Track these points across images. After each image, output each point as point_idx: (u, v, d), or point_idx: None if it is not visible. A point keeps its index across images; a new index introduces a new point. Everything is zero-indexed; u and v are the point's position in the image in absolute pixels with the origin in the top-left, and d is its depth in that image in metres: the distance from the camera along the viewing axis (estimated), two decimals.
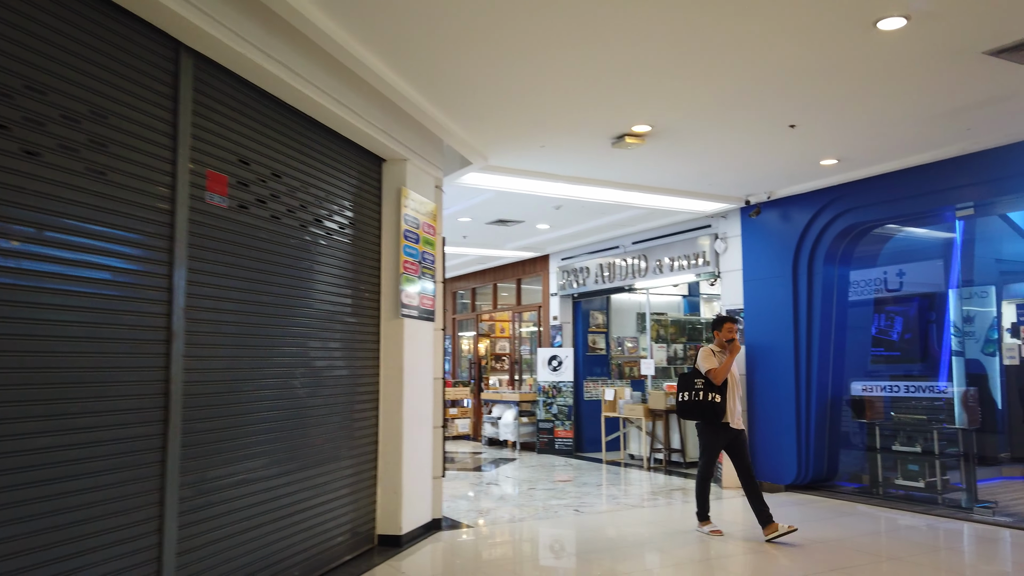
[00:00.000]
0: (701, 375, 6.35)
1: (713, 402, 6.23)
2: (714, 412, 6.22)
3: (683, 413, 6.46)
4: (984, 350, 9.87)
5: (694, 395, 6.32)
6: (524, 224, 10.14)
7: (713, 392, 6.24)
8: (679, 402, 6.46)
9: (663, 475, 9.71)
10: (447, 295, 16.02)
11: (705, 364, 6.36)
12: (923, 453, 7.54)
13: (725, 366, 6.28)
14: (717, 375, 6.26)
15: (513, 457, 11.64)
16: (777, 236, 8.61)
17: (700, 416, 6.31)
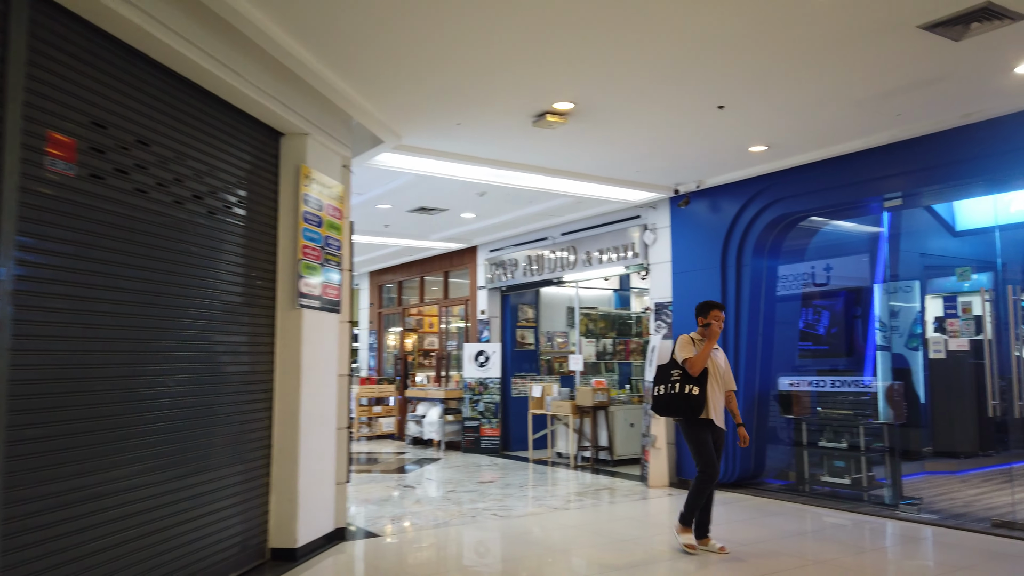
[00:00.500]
0: (678, 366, 5.65)
1: (690, 395, 5.52)
2: (690, 407, 5.52)
3: (659, 409, 5.77)
4: (908, 345, 9.87)
5: (670, 388, 5.63)
6: (448, 213, 9.66)
7: (691, 384, 5.55)
8: (655, 397, 5.79)
9: (590, 474, 9.39)
10: (373, 289, 15.40)
11: (682, 353, 5.64)
12: (849, 449, 7.40)
13: (703, 354, 5.57)
14: (694, 365, 5.55)
15: (437, 457, 11.16)
16: (706, 227, 8.36)
17: (677, 411, 5.61)
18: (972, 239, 9.67)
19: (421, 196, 8.74)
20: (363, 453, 11.89)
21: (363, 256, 13.27)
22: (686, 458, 8.39)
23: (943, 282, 10.85)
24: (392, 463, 10.70)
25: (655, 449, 8.39)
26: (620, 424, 10.04)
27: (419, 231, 10.92)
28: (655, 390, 5.79)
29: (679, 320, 8.62)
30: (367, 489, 8.47)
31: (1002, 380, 10.09)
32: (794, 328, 9.44)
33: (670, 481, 8.41)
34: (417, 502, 7.67)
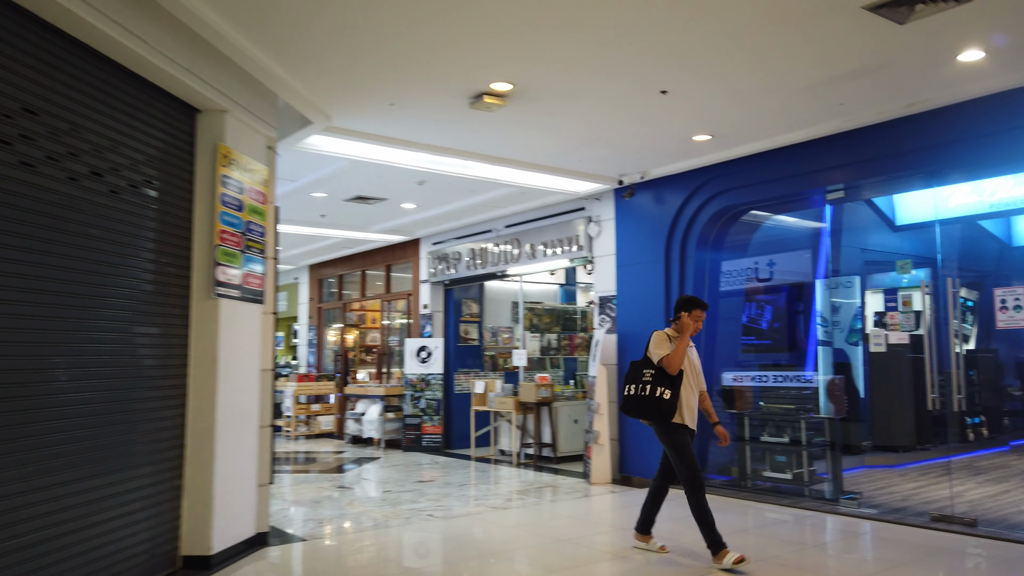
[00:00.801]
0: (652, 364, 5.14)
1: (660, 399, 4.99)
2: (660, 411, 5.01)
3: (628, 410, 5.27)
4: (848, 339, 9.93)
5: (640, 389, 5.10)
6: (388, 203, 9.31)
7: (662, 386, 5.03)
8: (624, 397, 5.29)
9: (533, 471, 9.17)
10: (313, 283, 14.92)
11: (657, 350, 5.13)
12: (791, 444, 7.33)
13: (680, 352, 5.05)
14: (671, 363, 5.03)
15: (377, 456, 10.81)
16: (650, 219, 8.21)
17: (645, 414, 5.11)
18: (912, 234, 9.77)
19: (358, 184, 8.38)
20: (300, 452, 11.46)
21: (301, 248, 12.81)
22: (629, 454, 8.24)
23: (883, 277, 10.97)
24: (329, 462, 10.31)
25: (598, 445, 8.22)
26: (564, 420, 9.85)
27: (358, 222, 10.54)
28: (625, 389, 5.31)
29: (623, 314, 8.46)
30: (300, 490, 8.09)
31: (940, 375, 10.22)
32: (737, 323, 9.38)
33: (612, 478, 8.25)
34: (351, 503, 7.33)
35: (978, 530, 5.69)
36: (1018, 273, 11.49)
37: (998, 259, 11.81)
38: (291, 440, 12.98)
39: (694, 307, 5.25)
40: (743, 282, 9.45)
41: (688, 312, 5.22)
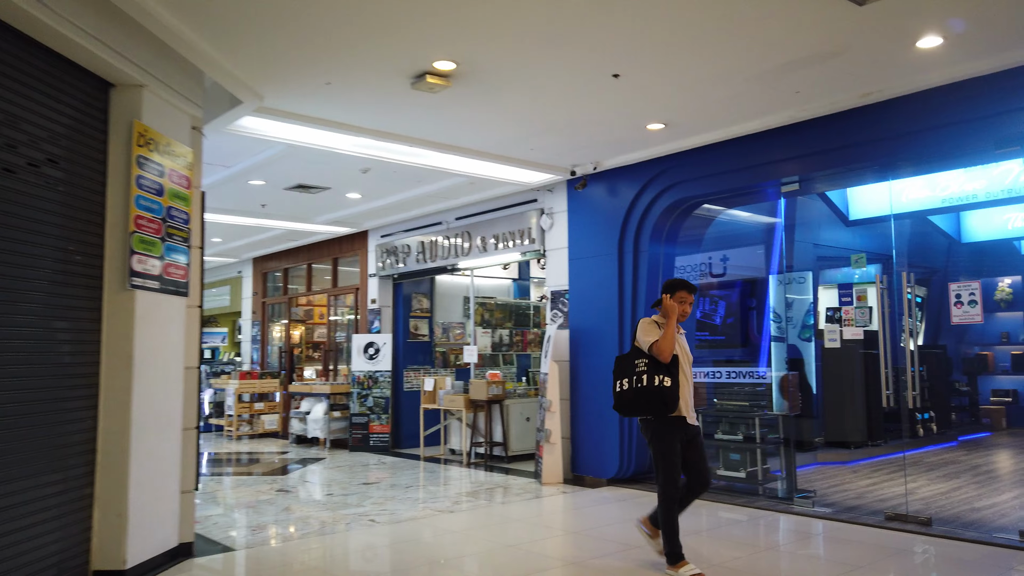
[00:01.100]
0: (643, 354, 4.70)
1: (662, 388, 4.55)
2: (663, 401, 4.54)
3: (624, 407, 4.79)
4: (801, 335, 9.87)
5: (636, 381, 4.65)
6: (331, 192, 8.91)
7: (660, 374, 4.58)
8: (617, 395, 4.81)
9: (484, 471, 8.88)
10: (257, 277, 14.38)
11: (646, 337, 4.68)
12: (744, 441, 7.18)
13: (669, 336, 4.60)
14: (662, 350, 4.57)
15: (322, 456, 10.40)
16: (603, 212, 7.98)
17: (646, 408, 4.63)
18: (864, 229, 9.75)
19: (298, 171, 7.97)
20: (242, 453, 10.98)
21: (243, 240, 12.29)
22: (581, 453, 8.01)
23: (835, 273, 10.96)
24: (271, 464, 9.87)
25: (549, 444, 7.97)
26: (515, 418, 9.58)
27: (301, 212, 10.10)
28: (616, 385, 4.81)
29: (576, 309, 8.22)
30: (238, 493, 7.66)
31: (892, 370, 10.23)
32: (691, 319, 9.24)
33: (564, 477, 8.01)
34: (290, 507, 6.94)
35: (933, 529, 5.59)
36: (966, 269, 11.62)
37: (946, 255, 11.93)
38: (233, 440, 12.47)
39: (677, 289, 4.81)
40: (697, 277, 9.30)
41: (671, 294, 4.79)
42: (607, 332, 7.82)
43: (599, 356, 7.89)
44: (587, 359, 8.02)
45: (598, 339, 7.93)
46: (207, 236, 11.72)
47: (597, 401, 7.87)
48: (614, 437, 7.67)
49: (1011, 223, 9.37)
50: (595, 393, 7.90)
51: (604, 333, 7.86)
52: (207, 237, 11.83)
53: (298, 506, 7.04)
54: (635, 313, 7.69)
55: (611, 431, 7.70)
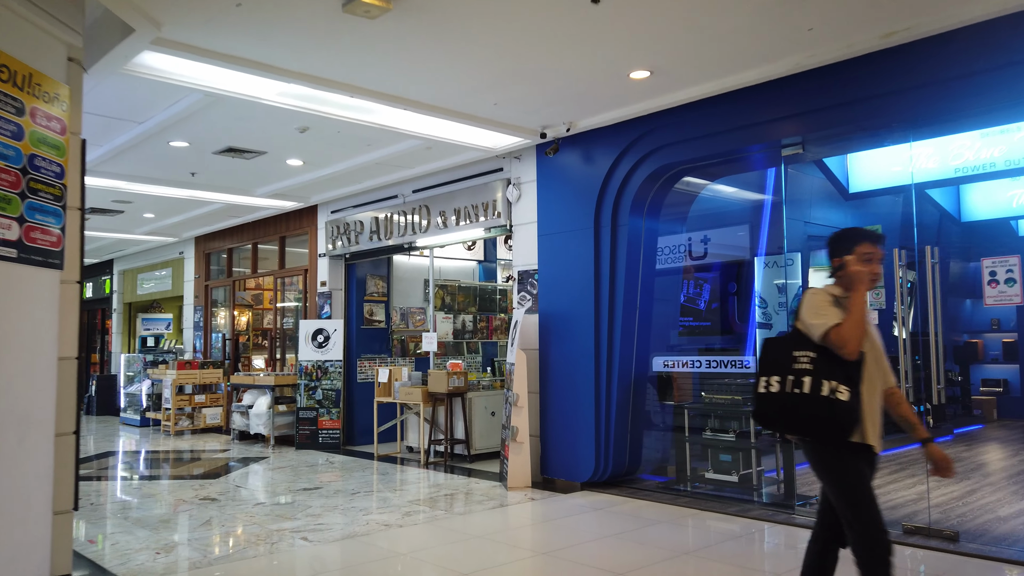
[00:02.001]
0: (808, 343, 3.02)
1: (832, 400, 2.89)
2: (835, 420, 2.90)
3: (769, 420, 3.12)
4: (791, 322, 9.08)
5: (792, 384, 3.00)
6: (269, 158, 7.84)
7: (833, 378, 2.92)
8: (759, 397, 3.10)
9: (443, 473, 7.94)
10: (199, 257, 13.21)
11: (818, 318, 3.00)
12: (737, 439, 6.33)
13: (857, 318, 2.94)
14: (848, 338, 2.91)
15: (264, 455, 9.37)
16: (578, 181, 7.05)
17: (805, 427, 2.99)
18: (866, 204, 8.93)
19: (225, 130, 6.89)
20: (177, 451, 9.90)
21: (179, 216, 11.13)
22: (552, 453, 7.11)
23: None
24: (207, 464, 8.82)
25: (516, 443, 7.05)
26: (479, 413, 8.65)
27: (239, 183, 9.01)
28: (760, 384, 3.10)
29: (547, 291, 7.29)
30: (154, 504, 6.62)
31: None
32: (674, 304, 8.38)
33: (533, 481, 7.10)
34: (209, 522, 5.93)
35: (962, 546, 4.78)
36: (959, 250, 10.92)
37: (936, 233, 11.22)
38: (171, 436, 11.36)
39: (859, 241, 3.11)
40: (680, 258, 8.45)
41: (851, 251, 3.10)
42: (581, 316, 6.91)
43: (572, 343, 6.98)
44: (559, 347, 7.11)
45: (571, 324, 7.01)
46: (135, 210, 10.55)
47: (570, 394, 6.96)
48: (589, 436, 6.77)
49: (1016, 200, 8.63)
50: (568, 385, 6.99)
51: (578, 317, 6.95)
52: (136, 211, 10.66)
53: (222, 519, 6.03)
54: (613, 296, 6.79)
55: (586, 429, 6.80)
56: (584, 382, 6.85)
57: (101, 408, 14.86)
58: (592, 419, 6.77)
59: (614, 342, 6.78)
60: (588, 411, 6.80)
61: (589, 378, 6.81)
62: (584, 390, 6.85)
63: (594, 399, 6.78)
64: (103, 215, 10.81)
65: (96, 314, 18.02)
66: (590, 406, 6.79)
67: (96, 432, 12.20)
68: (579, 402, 6.89)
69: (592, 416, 6.77)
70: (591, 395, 6.80)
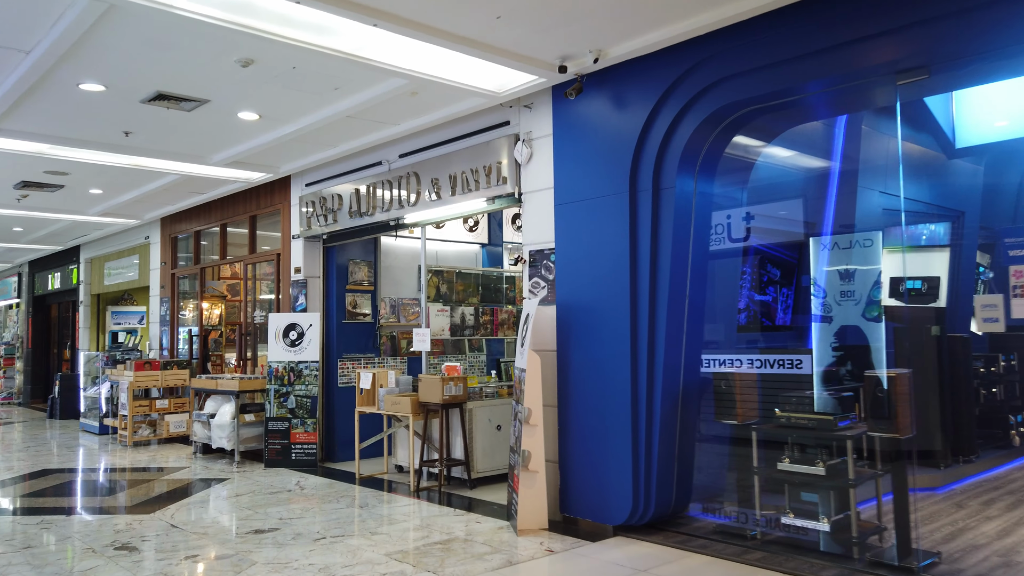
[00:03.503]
0: None
1: None
2: None
3: None
4: (866, 314, 7.41)
5: None
6: (214, 110, 6.22)
7: None
8: None
9: (436, 505, 6.35)
10: (165, 242, 11.63)
11: None
12: (828, 472, 4.69)
13: None
14: None
15: (227, 475, 7.79)
16: (607, 131, 5.42)
17: None
18: (980, 160, 7.19)
19: (144, 64, 5.27)
20: (122, 471, 8.34)
21: (131, 192, 9.54)
22: (575, 484, 5.50)
23: (913, 231, 8.53)
24: (148, 490, 7.24)
25: (528, 472, 5.44)
26: (482, 427, 7.05)
27: (187, 145, 7.39)
28: None
29: (566, 276, 5.67)
30: (37, 560, 5.03)
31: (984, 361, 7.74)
32: (730, 292, 6.76)
33: (550, 520, 5.50)
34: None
35: None
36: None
37: (1014, 211, 9.50)
38: (126, 449, 9.81)
39: None
40: (740, 236, 6.82)
41: None
42: (612, 308, 5.29)
43: (600, 343, 5.36)
44: (583, 347, 5.49)
45: (599, 318, 5.40)
46: (76, 184, 8.94)
47: (599, 409, 5.35)
48: (624, 463, 5.16)
49: None
50: (595, 397, 5.38)
51: (608, 309, 5.33)
52: (78, 185, 9.05)
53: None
54: (656, 282, 5.16)
55: (620, 454, 5.20)
56: (617, 393, 5.23)
57: (65, 411, 13.34)
58: (629, 441, 5.16)
59: (657, 341, 5.15)
60: (623, 431, 5.19)
61: (624, 388, 5.19)
62: (617, 403, 5.23)
63: (631, 415, 5.16)
64: (41, 191, 9.22)
65: (67, 307, 16.53)
66: (626, 424, 5.18)
67: (46, 442, 10.66)
68: (611, 419, 5.28)
69: (629, 437, 5.16)
70: (627, 409, 5.18)
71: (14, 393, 17.30)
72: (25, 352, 17.24)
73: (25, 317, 17.55)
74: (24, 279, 17.82)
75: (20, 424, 12.97)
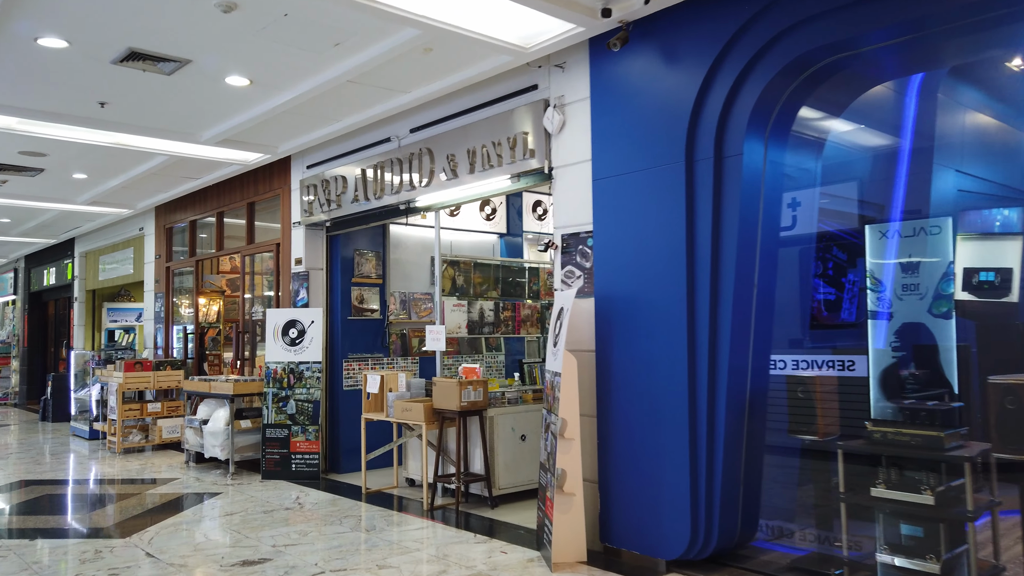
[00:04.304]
0: None
1: None
2: None
3: None
4: (934, 310, 6.53)
5: None
6: (197, 71, 5.40)
7: None
8: None
9: (453, 528, 5.53)
10: (160, 233, 10.85)
11: None
12: (937, 501, 3.82)
13: None
14: None
15: (219, 489, 7.00)
16: (658, 89, 4.56)
17: None
18: None
19: (112, 17, 4.46)
20: (106, 483, 7.57)
21: (118, 178, 8.75)
22: (619, 509, 4.65)
23: (988, 217, 7.62)
24: (129, 507, 6.45)
25: (563, 496, 4.60)
26: (504, 437, 6.21)
27: (172, 119, 6.59)
28: None
29: (607, 263, 4.82)
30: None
31: None
32: (800, 282, 5.87)
33: (588, 550, 4.65)
34: None
35: None
36: None
37: None
38: (115, 456, 9.04)
39: None
40: (813, 218, 5.93)
41: None
42: (666, 300, 4.44)
43: (650, 341, 4.51)
44: (628, 347, 4.65)
45: (648, 312, 4.55)
46: (57, 166, 8.16)
47: (648, 420, 4.51)
48: (680, 485, 4.32)
49: None
50: (643, 406, 4.54)
51: (660, 302, 4.48)
52: (59, 169, 8.27)
53: None
54: (717, 265, 4.30)
55: (674, 474, 4.35)
56: (671, 400, 4.39)
57: (57, 414, 12.60)
58: (686, 458, 4.31)
59: (719, 340, 4.30)
60: (679, 445, 4.34)
61: (679, 394, 4.34)
62: (672, 412, 4.39)
63: (688, 426, 4.31)
64: (20, 175, 8.45)
65: (64, 304, 15.82)
66: (682, 437, 4.33)
67: (30, 448, 9.91)
68: (664, 431, 4.43)
69: (686, 453, 4.31)
70: (683, 420, 4.33)
71: (10, 394, 16.62)
72: (21, 351, 16.55)
73: (21, 314, 16.87)
74: (20, 275, 17.13)
75: (10, 427, 12.25)
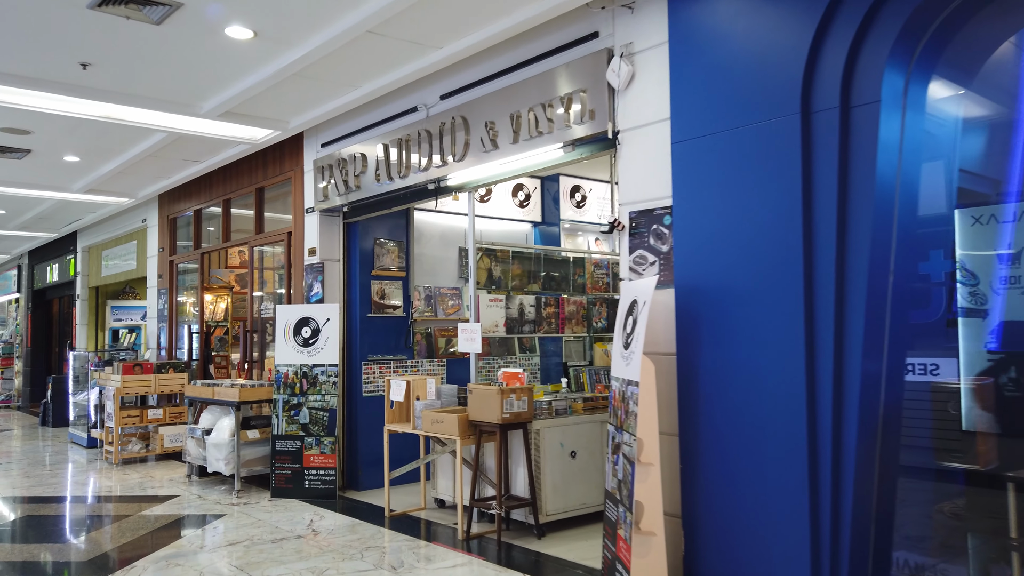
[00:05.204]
0: None
1: None
2: None
3: None
4: None
5: None
6: (190, 16, 4.52)
7: None
8: None
9: (493, 564, 4.63)
10: (163, 225, 10.02)
11: None
12: None
13: None
14: None
15: (223, 510, 6.14)
16: (761, 25, 3.64)
17: None
18: None
19: None
20: (94, 502, 6.73)
21: (113, 161, 7.91)
22: (711, 551, 3.72)
23: None
24: (114, 537, 5.58)
25: (642, 535, 3.67)
26: (551, 454, 5.30)
27: (167, 84, 5.71)
28: None
29: (691, 246, 3.90)
30: None
31: None
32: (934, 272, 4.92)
33: None
34: None
35: None
36: None
37: None
38: (111, 468, 8.21)
39: None
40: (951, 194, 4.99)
41: None
42: (774, 292, 3.51)
43: (753, 345, 3.58)
44: (721, 351, 3.72)
45: (749, 308, 3.62)
46: (44, 146, 7.32)
47: (749, 438, 3.58)
48: (797, 521, 3.38)
49: None
50: (743, 421, 3.61)
51: (765, 294, 3.55)
52: (47, 149, 7.43)
53: None
54: (842, 249, 3.37)
55: (788, 506, 3.41)
56: (783, 417, 3.46)
57: (57, 419, 11.83)
58: (804, 489, 3.38)
59: (846, 343, 3.36)
60: (794, 475, 3.41)
61: (796, 410, 3.41)
62: (783, 433, 3.46)
63: (807, 451, 3.38)
64: (5, 156, 7.63)
65: (68, 302, 15.08)
66: (798, 465, 3.40)
67: (22, 458, 9.11)
68: (770, 456, 3.50)
69: (804, 483, 3.38)
70: (800, 443, 3.40)
71: (13, 396, 15.90)
72: (24, 351, 15.83)
73: (25, 313, 16.14)
74: (24, 272, 16.42)
75: (8, 433, 11.48)
